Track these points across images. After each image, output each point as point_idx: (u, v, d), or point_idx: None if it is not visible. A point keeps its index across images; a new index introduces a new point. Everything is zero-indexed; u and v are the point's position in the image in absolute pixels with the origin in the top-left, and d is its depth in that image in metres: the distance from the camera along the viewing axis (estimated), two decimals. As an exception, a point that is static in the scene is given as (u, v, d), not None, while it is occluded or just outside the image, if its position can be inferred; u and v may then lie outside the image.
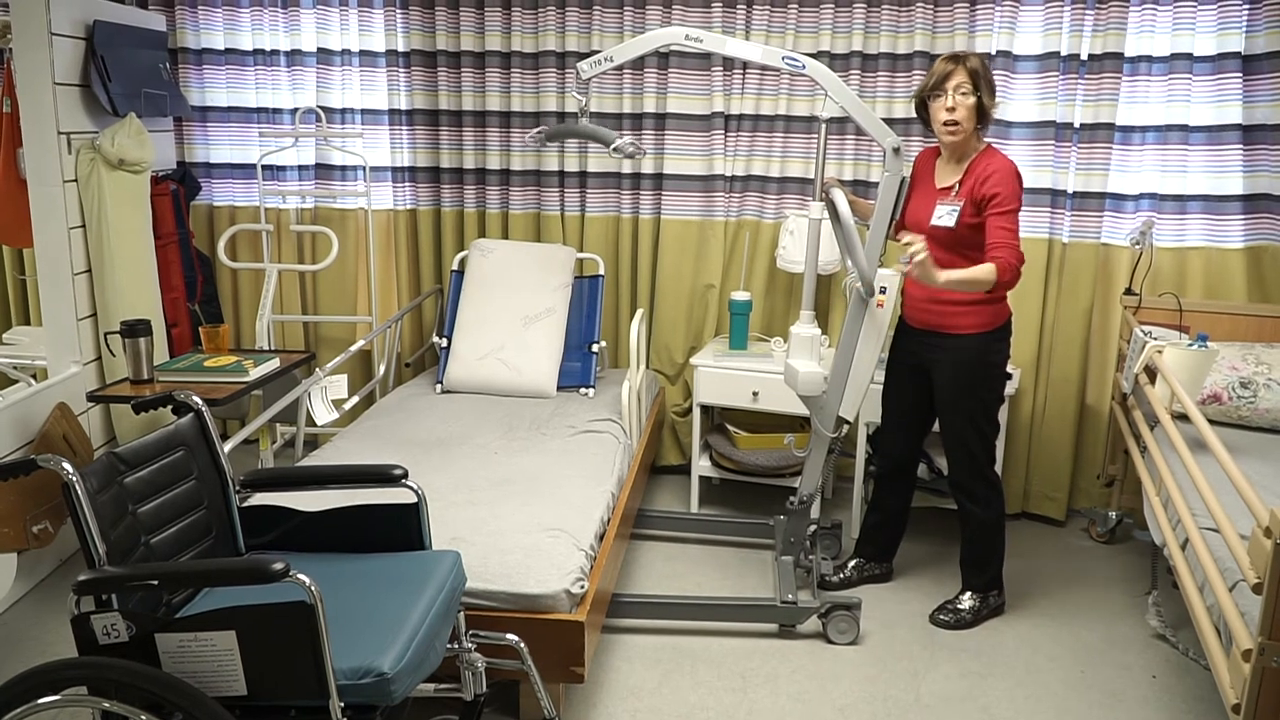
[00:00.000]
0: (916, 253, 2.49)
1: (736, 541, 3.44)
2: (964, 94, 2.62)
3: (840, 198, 2.72)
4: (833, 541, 3.34)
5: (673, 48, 3.67)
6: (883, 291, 2.70)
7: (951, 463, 2.87)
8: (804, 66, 2.72)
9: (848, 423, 2.87)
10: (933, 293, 2.73)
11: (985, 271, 2.56)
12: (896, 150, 2.69)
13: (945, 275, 2.56)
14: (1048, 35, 3.42)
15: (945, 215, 2.69)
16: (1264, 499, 1.87)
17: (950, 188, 2.72)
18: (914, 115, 3.56)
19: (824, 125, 2.83)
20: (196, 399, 2.11)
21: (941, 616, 2.92)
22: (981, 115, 2.66)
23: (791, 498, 2.99)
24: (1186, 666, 2.72)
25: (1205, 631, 2.05)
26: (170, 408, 2.11)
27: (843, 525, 3.45)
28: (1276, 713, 1.73)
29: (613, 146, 2.89)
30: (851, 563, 3.14)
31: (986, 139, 2.76)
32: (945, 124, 2.65)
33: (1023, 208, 2.66)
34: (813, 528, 3.22)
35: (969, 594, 2.94)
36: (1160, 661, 2.75)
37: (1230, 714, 1.84)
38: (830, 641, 2.80)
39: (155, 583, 1.70)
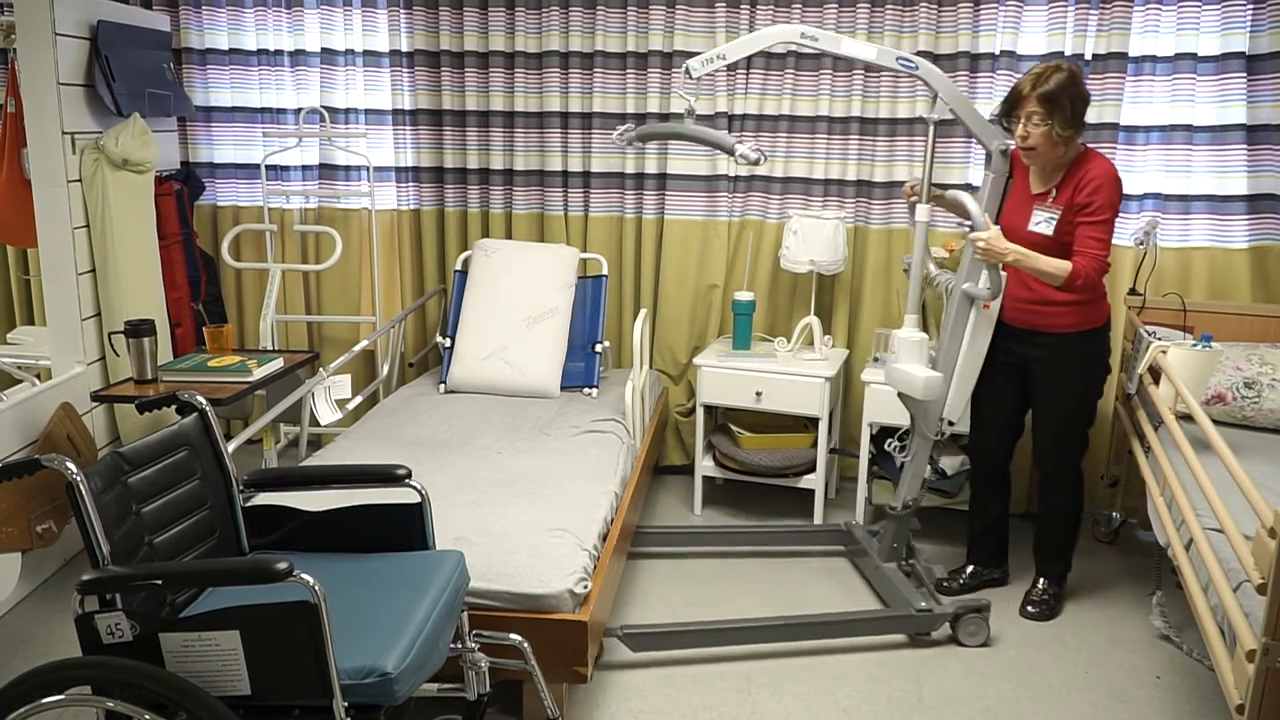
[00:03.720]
0: (976, 238, 2.55)
1: (745, 552, 3.44)
2: (1035, 124, 2.58)
3: (970, 201, 2.67)
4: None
5: (676, 47, 3.71)
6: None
7: (1045, 455, 2.90)
8: (917, 68, 2.68)
9: (951, 423, 2.88)
10: (1035, 294, 2.74)
11: (1057, 266, 2.58)
12: (1004, 152, 2.71)
13: (1014, 251, 2.57)
14: (1051, 35, 3.42)
15: (1043, 223, 2.67)
16: (1268, 499, 1.87)
17: (1046, 193, 2.71)
18: (917, 115, 3.58)
19: (933, 127, 2.78)
20: (200, 399, 2.11)
21: (1030, 609, 2.96)
22: (1067, 127, 2.57)
23: (892, 504, 3.00)
24: (1190, 667, 2.72)
25: (1209, 632, 2.05)
26: (174, 408, 2.12)
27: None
28: (1280, 714, 1.73)
29: (738, 154, 2.69)
30: (969, 569, 3.12)
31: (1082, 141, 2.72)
32: (1021, 148, 2.66)
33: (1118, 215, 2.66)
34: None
35: (1044, 581, 3.00)
36: (1164, 662, 2.74)
37: (1234, 715, 1.83)
38: (960, 644, 2.80)
39: (159, 582, 1.70)
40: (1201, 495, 2.23)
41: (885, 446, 3.16)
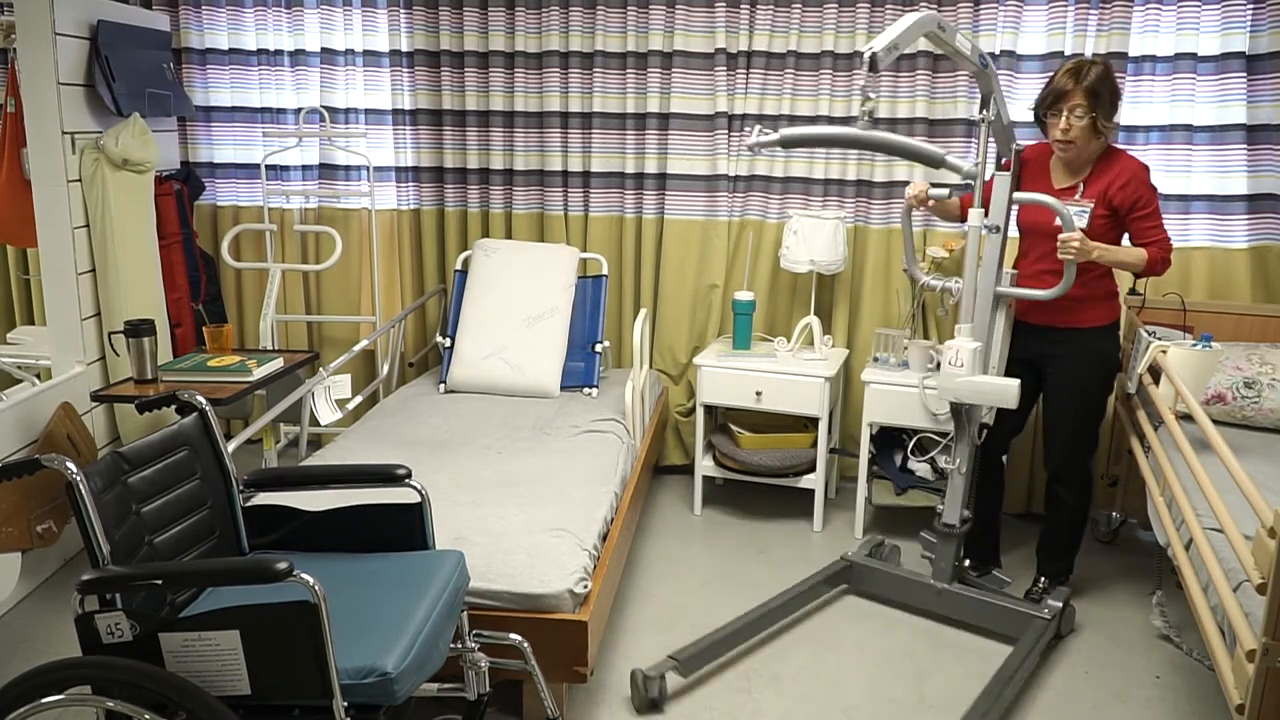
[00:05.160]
0: (1069, 238, 2.53)
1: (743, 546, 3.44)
2: (1079, 116, 2.60)
3: (1058, 204, 2.62)
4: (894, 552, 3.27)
5: (676, 47, 3.71)
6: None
7: (1055, 451, 2.89)
8: (986, 66, 2.55)
9: (988, 427, 2.88)
10: (1046, 286, 2.72)
11: (1137, 255, 2.65)
12: (1018, 152, 2.69)
13: (1099, 248, 2.59)
14: (1051, 35, 3.42)
15: (1075, 217, 2.67)
16: (1268, 499, 1.87)
17: (1074, 187, 2.72)
18: (916, 115, 3.57)
19: (985, 127, 2.65)
20: (200, 399, 2.11)
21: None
22: (1096, 129, 2.62)
23: (946, 523, 2.84)
24: (1190, 667, 2.72)
25: (1209, 632, 2.05)
26: (174, 407, 2.12)
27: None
28: (1280, 713, 1.73)
29: (949, 164, 2.51)
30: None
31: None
32: (1059, 142, 2.66)
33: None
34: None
35: (1044, 580, 3.00)
36: (1164, 662, 2.74)
37: (1234, 715, 1.83)
38: (1057, 636, 2.81)
39: (159, 582, 1.69)
40: (1201, 495, 2.23)
41: (909, 461, 3.11)
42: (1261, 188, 3.37)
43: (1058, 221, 2.65)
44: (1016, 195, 2.67)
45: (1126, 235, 2.74)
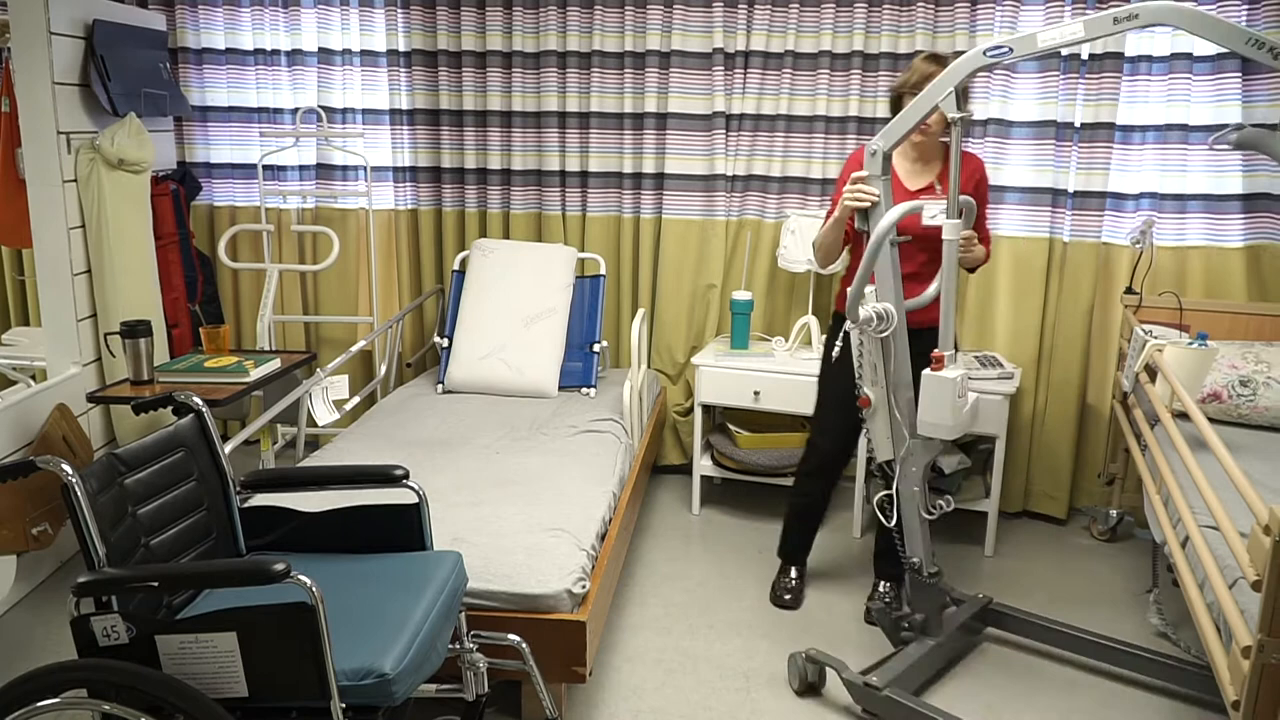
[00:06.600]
0: (971, 236, 2.54)
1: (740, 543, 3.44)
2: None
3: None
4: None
5: (674, 47, 3.71)
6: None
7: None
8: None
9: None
10: (906, 293, 2.59)
11: (985, 253, 2.73)
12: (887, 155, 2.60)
13: (981, 252, 2.64)
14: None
15: (939, 215, 2.59)
16: (1264, 497, 1.87)
17: (930, 186, 2.71)
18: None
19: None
20: (197, 400, 2.10)
21: (874, 610, 2.86)
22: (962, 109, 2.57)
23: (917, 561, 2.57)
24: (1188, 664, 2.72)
25: (1205, 628, 2.05)
26: (170, 409, 2.11)
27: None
28: (1275, 708, 1.73)
29: None
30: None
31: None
32: (924, 134, 2.63)
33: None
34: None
35: (891, 584, 2.98)
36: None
37: (1230, 710, 1.83)
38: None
39: (155, 584, 1.69)
40: (1197, 493, 2.23)
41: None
42: (1257, 187, 3.38)
43: (926, 220, 2.56)
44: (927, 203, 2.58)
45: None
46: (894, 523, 2.56)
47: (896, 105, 2.71)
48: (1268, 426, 2.96)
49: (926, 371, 2.36)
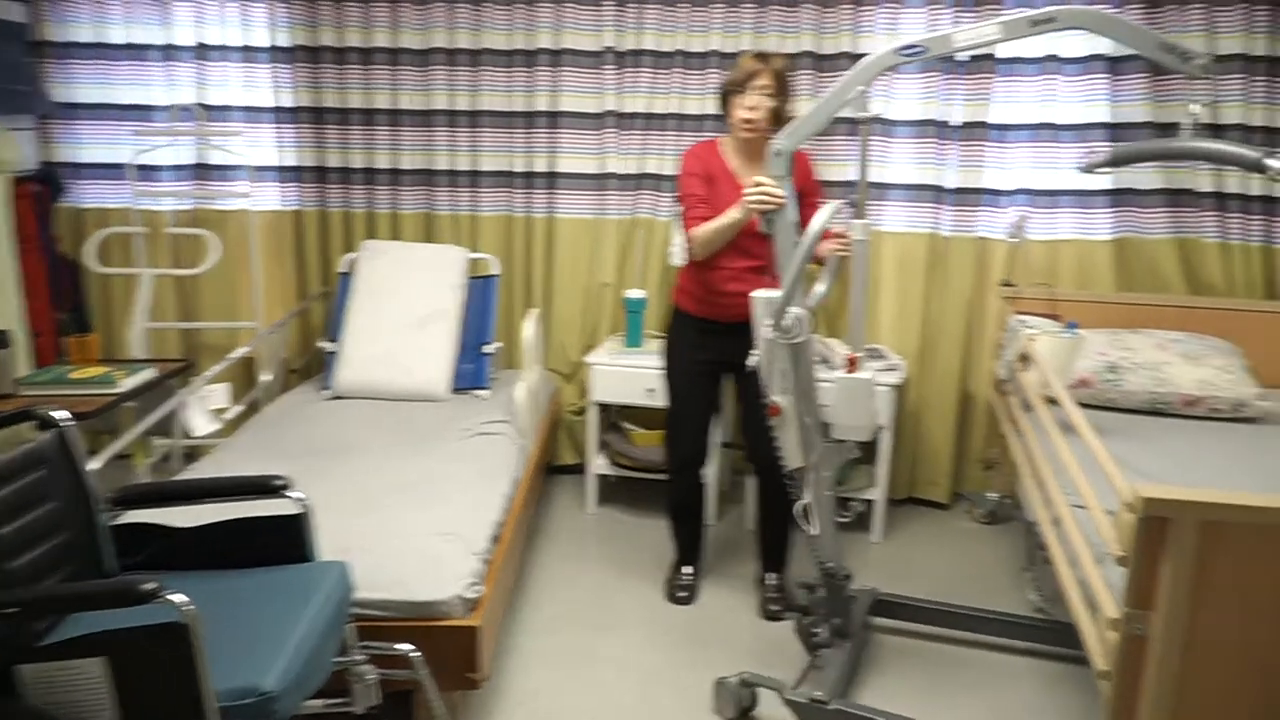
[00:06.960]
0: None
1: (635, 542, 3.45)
2: (768, 95, 2.62)
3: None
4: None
5: (565, 45, 3.69)
6: None
7: (765, 448, 2.68)
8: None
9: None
10: (751, 285, 2.53)
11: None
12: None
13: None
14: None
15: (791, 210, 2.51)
16: (1128, 477, 1.97)
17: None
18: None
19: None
20: (58, 413, 2.00)
21: (773, 607, 2.96)
22: (778, 118, 2.64)
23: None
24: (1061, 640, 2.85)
25: (1075, 603, 2.15)
26: (32, 423, 2.00)
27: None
28: (1140, 677, 1.83)
29: (1270, 170, 2.19)
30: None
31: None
32: (744, 121, 2.65)
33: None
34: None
35: (778, 575, 3.02)
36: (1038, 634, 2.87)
37: (1099, 680, 1.93)
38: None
39: (15, 610, 1.60)
40: (1068, 475, 2.34)
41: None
42: (1121, 182, 3.55)
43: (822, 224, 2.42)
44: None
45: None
46: (814, 531, 2.50)
47: (724, 102, 2.72)
48: (1134, 409, 3.12)
49: (841, 374, 2.36)
